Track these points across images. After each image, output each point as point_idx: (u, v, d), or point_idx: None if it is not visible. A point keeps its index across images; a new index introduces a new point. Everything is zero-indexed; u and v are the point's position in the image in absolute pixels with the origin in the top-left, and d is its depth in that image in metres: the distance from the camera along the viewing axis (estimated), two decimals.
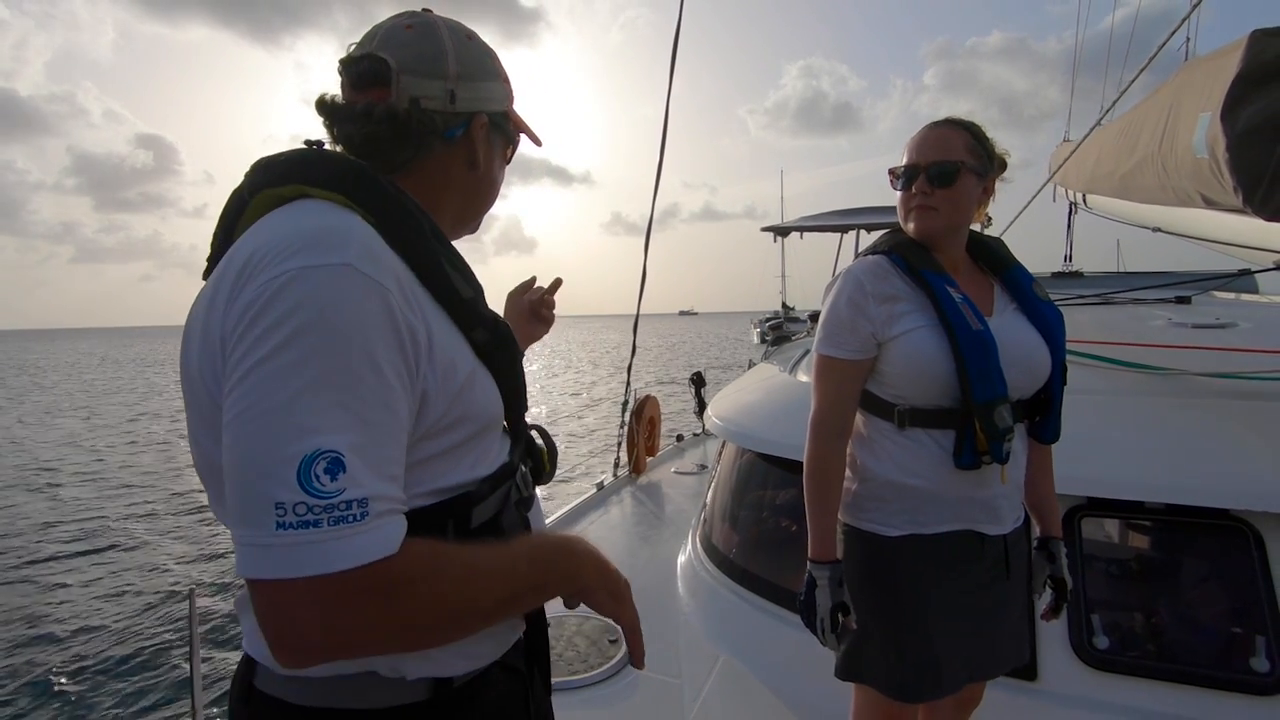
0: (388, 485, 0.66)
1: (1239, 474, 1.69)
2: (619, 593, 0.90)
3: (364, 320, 0.65)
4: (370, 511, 0.63)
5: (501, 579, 0.75)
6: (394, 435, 0.67)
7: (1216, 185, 2.01)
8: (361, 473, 0.63)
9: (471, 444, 0.79)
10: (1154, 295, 3.29)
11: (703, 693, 2.09)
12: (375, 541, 0.63)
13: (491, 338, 0.82)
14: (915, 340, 1.37)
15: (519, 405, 0.91)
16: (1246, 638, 1.63)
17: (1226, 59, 1.95)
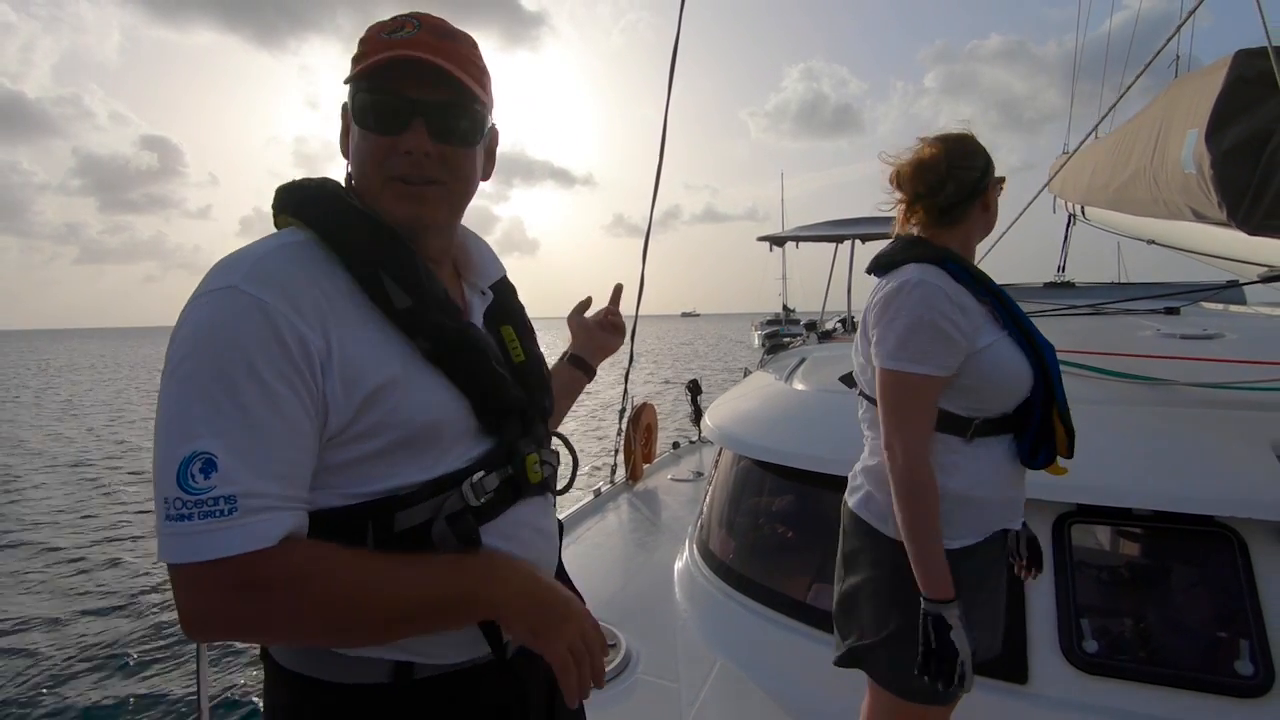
0: (269, 484, 0.71)
1: (1224, 482, 1.72)
2: (545, 628, 0.82)
3: (241, 335, 0.72)
4: (240, 508, 0.69)
5: (396, 594, 0.75)
6: (280, 437, 0.72)
7: (1204, 200, 2.05)
8: (235, 472, 0.69)
9: (398, 450, 0.80)
10: (1144, 306, 3.34)
11: (700, 697, 2.11)
12: (241, 536, 0.69)
13: (436, 345, 0.83)
14: (1002, 351, 1.38)
15: (494, 410, 0.87)
16: (1231, 641, 1.66)
17: (1213, 76, 2.00)
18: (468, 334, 0.86)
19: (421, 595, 0.77)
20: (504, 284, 1.05)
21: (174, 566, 0.69)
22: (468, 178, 0.89)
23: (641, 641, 2.40)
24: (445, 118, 0.85)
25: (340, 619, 0.74)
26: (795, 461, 2.29)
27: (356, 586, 0.74)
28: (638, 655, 2.33)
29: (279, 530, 0.71)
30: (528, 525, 0.91)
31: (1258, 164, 1.71)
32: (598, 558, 3.22)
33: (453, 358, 0.84)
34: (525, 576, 0.83)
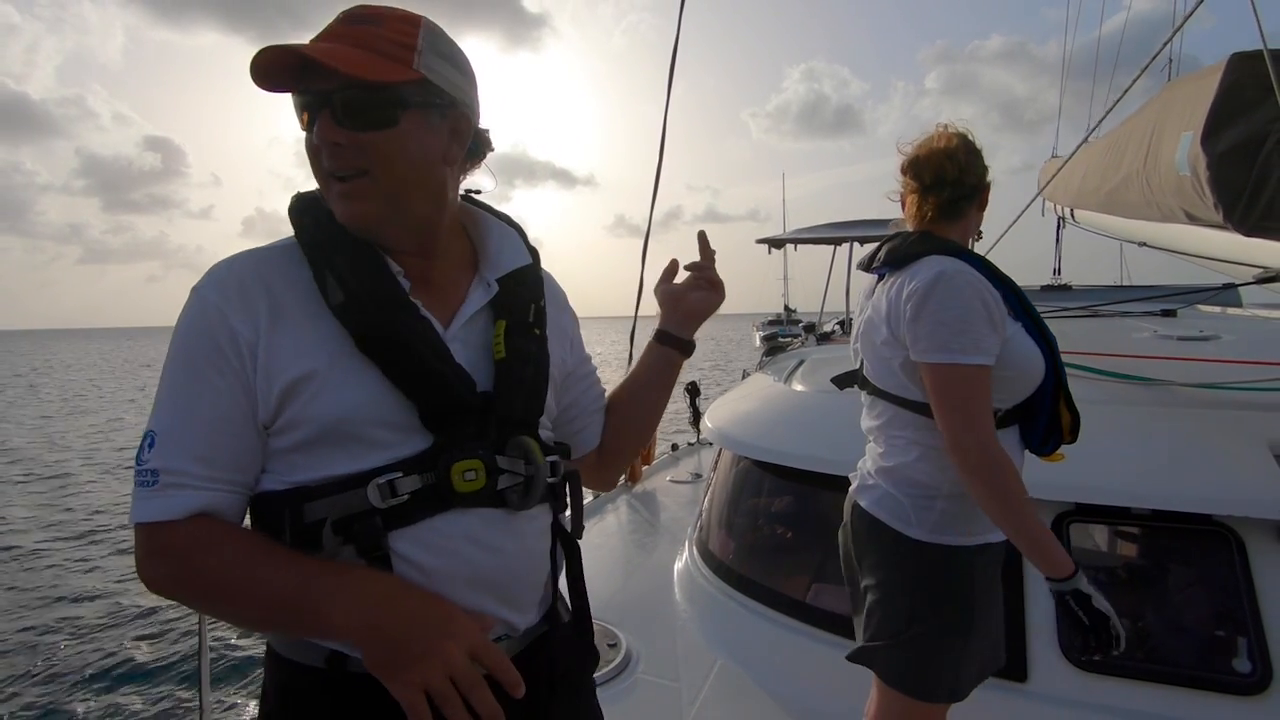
0: (188, 463, 0.79)
1: (1222, 481, 1.74)
2: (390, 665, 0.75)
3: (189, 331, 0.82)
4: (160, 482, 0.79)
5: (252, 590, 0.78)
6: (205, 422, 0.80)
7: (1198, 202, 2.07)
8: (163, 450, 0.79)
9: (319, 442, 0.81)
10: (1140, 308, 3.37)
11: (700, 696, 2.12)
12: (155, 506, 0.78)
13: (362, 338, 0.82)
14: (1021, 340, 1.40)
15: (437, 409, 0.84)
16: (1229, 639, 1.68)
17: (1207, 80, 2.01)
18: (403, 328, 0.84)
19: (271, 596, 0.78)
20: (521, 274, 0.99)
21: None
22: (395, 162, 0.84)
23: (641, 641, 2.40)
24: (347, 104, 0.81)
25: (214, 598, 0.81)
26: (795, 462, 2.30)
27: (226, 571, 0.79)
28: (638, 655, 2.34)
29: (186, 506, 0.79)
30: (462, 537, 0.84)
31: (1253, 166, 1.73)
32: (597, 558, 3.22)
33: (381, 352, 0.83)
34: (379, 604, 0.77)
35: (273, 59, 0.78)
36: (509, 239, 1.02)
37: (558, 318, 1.06)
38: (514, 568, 0.90)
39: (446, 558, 0.84)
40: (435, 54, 0.86)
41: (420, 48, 0.84)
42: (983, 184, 1.52)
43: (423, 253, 0.92)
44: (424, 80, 0.84)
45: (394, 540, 0.82)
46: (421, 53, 0.84)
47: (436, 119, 0.87)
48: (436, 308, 0.91)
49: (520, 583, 0.92)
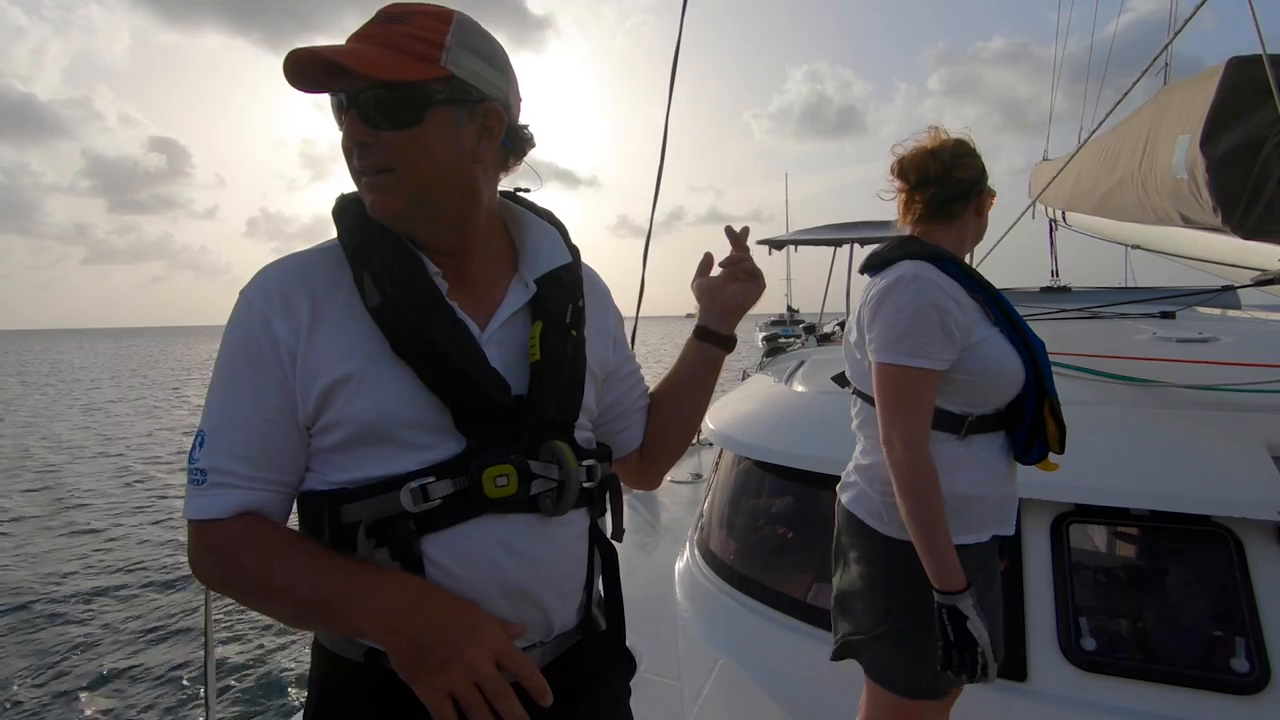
0: (235, 464, 0.82)
1: (1220, 482, 1.76)
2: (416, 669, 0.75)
3: (235, 335, 0.85)
4: (208, 480, 0.82)
5: (289, 588, 0.80)
6: (250, 423, 0.82)
7: (1195, 205, 2.09)
8: (211, 450, 0.82)
9: (356, 444, 0.83)
10: (1139, 310, 3.39)
11: (701, 695, 2.12)
12: (202, 505, 0.82)
13: (395, 340, 0.83)
14: (995, 346, 1.40)
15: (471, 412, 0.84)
16: (1227, 639, 1.69)
17: (1204, 84, 2.04)
18: (437, 331, 0.84)
19: (305, 597, 0.80)
20: (560, 274, 0.97)
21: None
22: (420, 160, 0.84)
23: (643, 640, 2.40)
24: (373, 104, 0.82)
25: (255, 594, 0.83)
26: (795, 462, 2.30)
27: (265, 569, 0.81)
28: (639, 654, 2.33)
29: (231, 505, 0.82)
30: (494, 543, 0.84)
31: (1252, 170, 1.75)
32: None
33: (414, 354, 0.83)
34: (406, 609, 0.76)
35: (301, 62, 0.80)
36: (549, 237, 1.00)
37: (600, 316, 1.04)
38: (546, 574, 0.88)
39: (477, 563, 0.84)
40: (465, 49, 0.85)
41: (448, 44, 0.84)
42: (976, 185, 1.51)
43: (459, 252, 0.92)
44: (450, 77, 0.84)
45: (426, 545, 0.82)
46: (450, 49, 0.84)
47: (464, 116, 0.86)
48: (474, 309, 0.90)
49: (553, 589, 0.90)
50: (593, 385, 0.99)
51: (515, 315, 0.92)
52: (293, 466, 0.85)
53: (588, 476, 0.91)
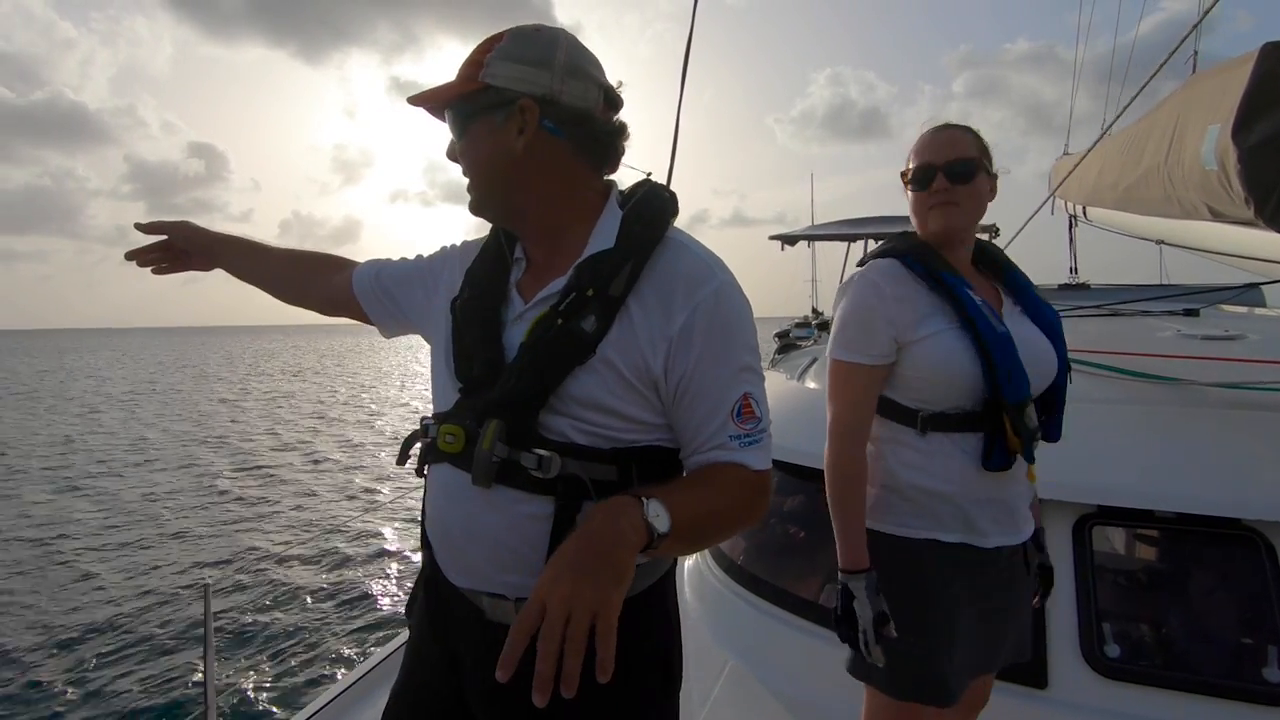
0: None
1: (1250, 483, 1.69)
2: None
3: (443, 248, 1.24)
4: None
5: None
6: (404, 260, 1.28)
7: (1225, 197, 2.02)
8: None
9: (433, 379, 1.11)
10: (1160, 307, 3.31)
11: (710, 698, 2.08)
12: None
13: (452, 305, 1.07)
14: (941, 343, 1.37)
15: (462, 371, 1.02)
16: (1258, 647, 1.63)
17: (1236, 72, 1.96)
18: (465, 307, 1.05)
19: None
20: (595, 260, 0.96)
21: None
22: (472, 164, 1.03)
23: None
24: (448, 124, 1.05)
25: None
26: (807, 460, 2.25)
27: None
28: None
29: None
30: (438, 484, 1.04)
31: None
32: None
33: (454, 318, 1.06)
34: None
35: (416, 102, 1.04)
36: (606, 224, 1.00)
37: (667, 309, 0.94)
38: (479, 534, 0.98)
39: (433, 498, 1.06)
40: (505, 59, 0.97)
41: (489, 60, 0.97)
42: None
43: (533, 237, 1.06)
44: (486, 88, 0.98)
45: (428, 471, 1.07)
46: (489, 64, 0.98)
47: (501, 119, 0.98)
48: (531, 292, 1.03)
49: (488, 553, 0.98)
50: (612, 381, 0.93)
51: (552, 297, 0.98)
52: (374, 288, 1.25)
53: (538, 466, 0.91)
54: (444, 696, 1.08)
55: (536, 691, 0.70)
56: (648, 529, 0.82)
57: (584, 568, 0.76)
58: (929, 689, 1.38)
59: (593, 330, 0.92)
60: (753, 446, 0.98)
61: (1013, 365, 1.34)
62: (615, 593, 0.75)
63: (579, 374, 0.92)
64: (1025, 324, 1.47)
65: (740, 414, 0.97)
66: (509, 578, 0.98)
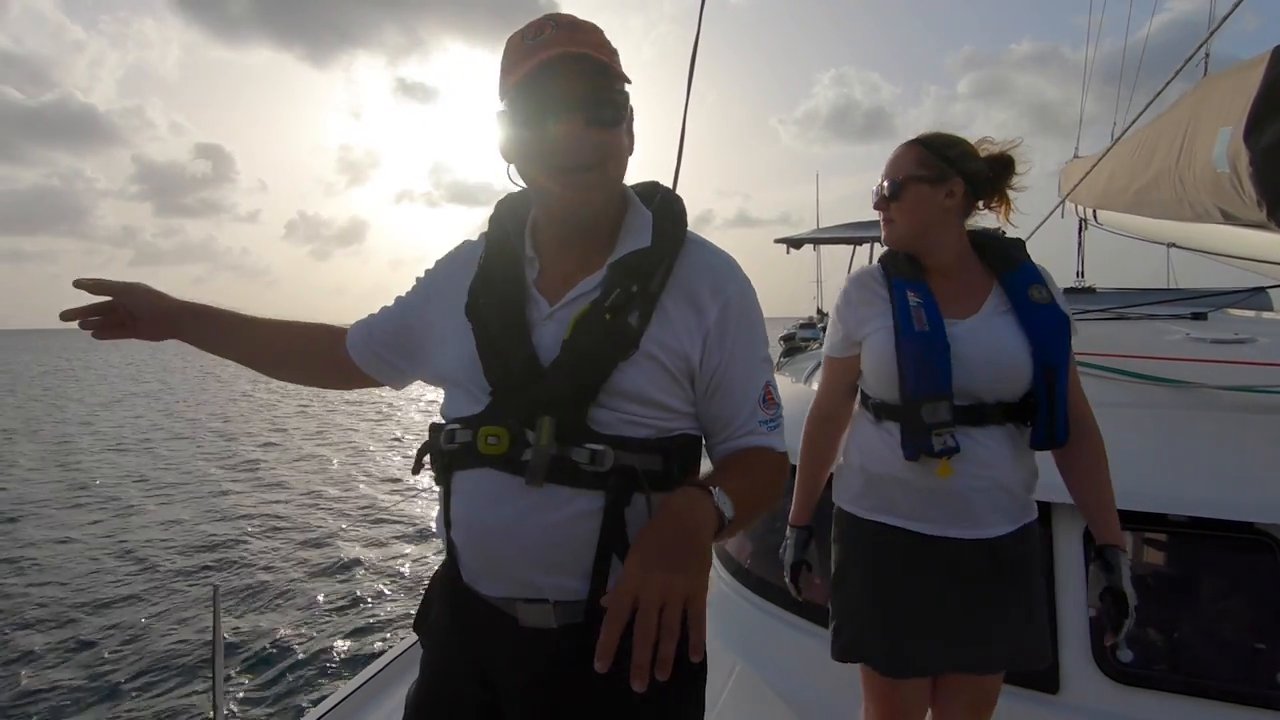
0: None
1: (1262, 487, 1.68)
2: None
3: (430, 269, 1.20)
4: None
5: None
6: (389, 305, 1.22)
7: (1237, 199, 2.01)
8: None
9: (447, 389, 1.07)
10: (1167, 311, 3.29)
11: (719, 701, 2.07)
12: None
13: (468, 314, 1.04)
14: (875, 340, 1.51)
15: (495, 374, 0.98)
16: (1271, 652, 1.62)
17: (1248, 74, 1.95)
18: (487, 308, 1.02)
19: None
20: (631, 259, 0.99)
21: None
22: (618, 158, 0.99)
23: None
24: (595, 105, 0.94)
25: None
26: None
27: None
28: None
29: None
30: (481, 491, 0.97)
31: None
32: None
33: (475, 321, 1.02)
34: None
35: (553, 59, 0.96)
36: (639, 222, 1.03)
37: (698, 304, 1.00)
38: (526, 535, 0.94)
39: (471, 504, 0.98)
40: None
41: (615, 51, 1.01)
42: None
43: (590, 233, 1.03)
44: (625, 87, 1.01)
45: (453, 479, 1.00)
46: (617, 55, 1.01)
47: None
48: (557, 290, 1.02)
49: (533, 553, 0.95)
50: (656, 373, 0.97)
51: (585, 296, 0.99)
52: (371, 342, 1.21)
53: (591, 460, 0.92)
54: (474, 710, 1.05)
55: (635, 679, 0.73)
56: (720, 516, 0.88)
57: (674, 557, 0.80)
58: (863, 652, 1.51)
59: (636, 325, 0.96)
60: (775, 430, 1.06)
61: (923, 363, 1.41)
62: (704, 579, 0.80)
63: (624, 368, 0.95)
64: (1001, 324, 1.46)
65: (765, 401, 1.05)
66: (551, 579, 0.96)
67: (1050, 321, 1.45)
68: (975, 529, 1.44)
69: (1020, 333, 1.44)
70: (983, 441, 1.42)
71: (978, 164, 1.51)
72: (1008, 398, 1.44)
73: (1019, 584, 1.48)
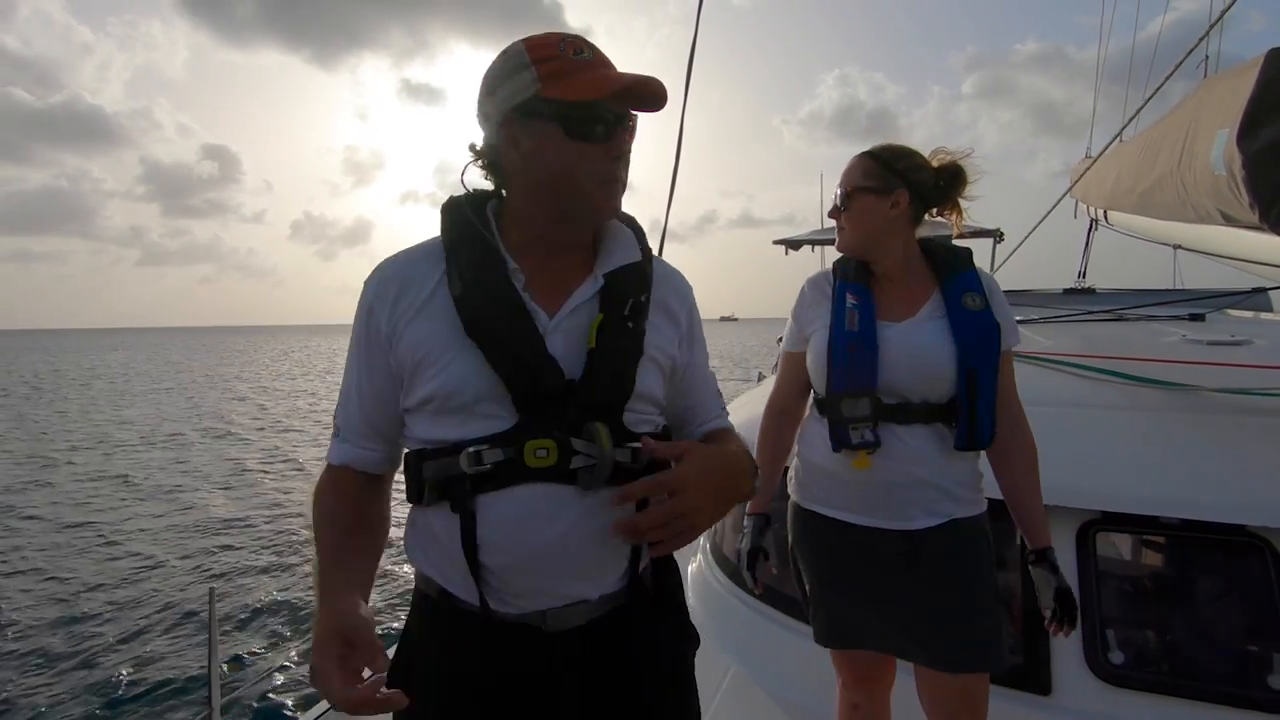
0: (349, 424, 1.06)
1: (1256, 490, 1.67)
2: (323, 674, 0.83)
3: (357, 317, 1.04)
4: (341, 435, 1.07)
5: (316, 549, 0.99)
6: (358, 392, 1.05)
7: (1234, 202, 2.01)
8: (340, 411, 1.07)
9: (439, 414, 0.98)
10: (1166, 312, 3.27)
11: (713, 704, 2.09)
12: (329, 452, 1.07)
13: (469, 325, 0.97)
14: (816, 338, 1.61)
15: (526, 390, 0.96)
16: (1263, 654, 1.62)
17: (1244, 76, 1.95)
18: (502, 319, 0.97)
19: (316, 553, 0.99)
20: (627, 271, 1.05)
21: None
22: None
23: None
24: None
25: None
26: None
27: (316, 520, 1.02)
28: None
29: (339, 456, 1.07)
30: (529, 507, 0.95)
31: None
32: None
33: (481, 338, 0.96)
34: (316, 636, 0.87)
35: (635, 87, 0.97)
36: (622, 237, 1.09)
37: (669, 312, 1.11)
38: (577, 540, 0.97)
39: (516, 524, 0.95)
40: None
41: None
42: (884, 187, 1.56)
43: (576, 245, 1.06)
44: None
45: (480, 503, 0.95)
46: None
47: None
48: (549, 300, 1.01)
49: (587, 556, 0.99)
50: (658, 375, 1.06)
51: (582, 306, 1.02)
52: (391, 431, 1.06)
53: (633, 458, 0.98)
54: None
55: (622, 531, 0.93)
56: (755, 472, 1.08)
57: (723, 490, 0.99)
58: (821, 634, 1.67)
59: (643, 331, 1.05)
60: (727, 413, 1.21)
61: (848, 361, 1.52)
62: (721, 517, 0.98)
63: (639, 371, 1.03)
64: (930, 329, 1.52)
65: (717, 390, 1.21)
66: (591, 582, 1.00)
67: (978, 327, 1.50)
68: (896, 520, 1.52)
69: (948, 337, 1.50)
70: (906, 439, 1.49)
71: (924, 174, 1.56)
72: (933, 398, 1.50)
73: (946, 577, 1.50)
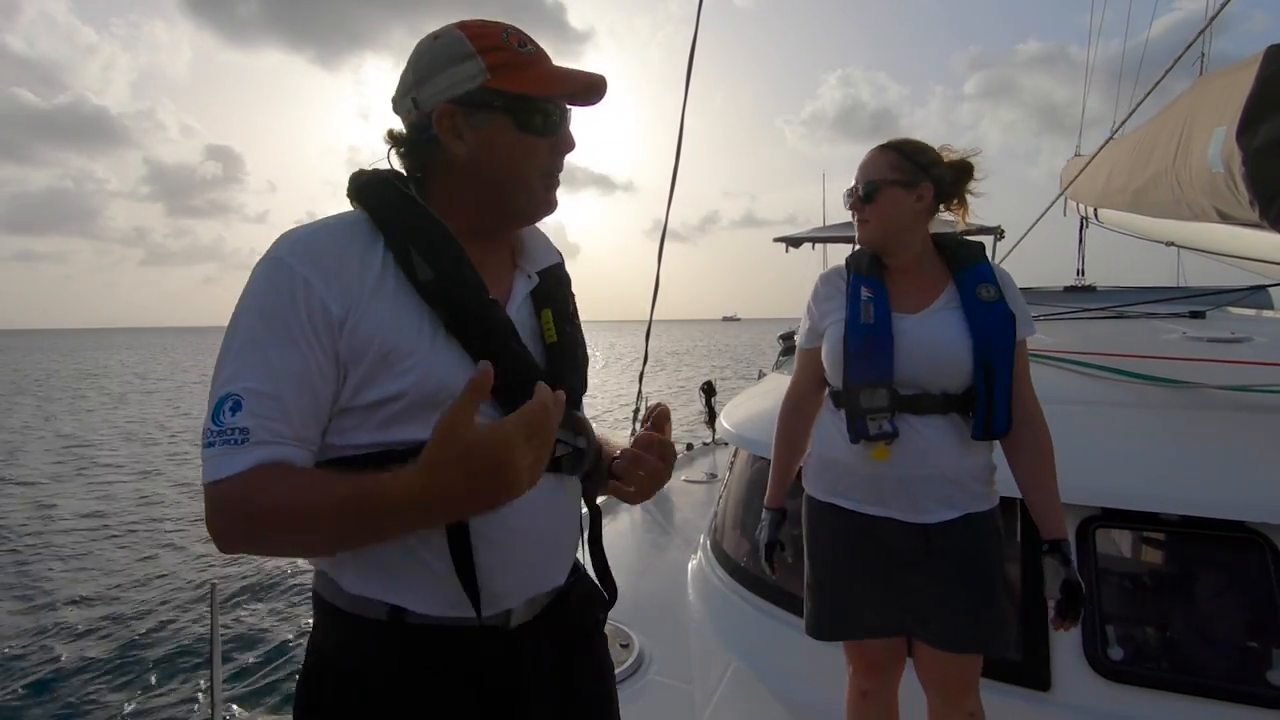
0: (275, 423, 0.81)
1: (1256, 487, 1.69)
2: (484, 461, 0.75)
3: (269, 296, 0.83)
4: (250, 439, 0.79)
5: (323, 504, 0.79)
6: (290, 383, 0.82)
7: (1231, 199, 2.01)
8: (254, 409, 0.80)
9: (407, 409, 0.86)
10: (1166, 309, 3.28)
11: (714, 699, 2.09)
12: (220, 464, 0.79)
13: (454, 317, 0.88)
14: (831, 332, 1.61)
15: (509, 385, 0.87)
16: (1263, 650, 1.63)
17: (1242, 74, 1.96)
18: (486, 309, 0.91)
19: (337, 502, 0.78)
20: (555, 271, 1.08)
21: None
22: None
23: (654, 643, 2.38)
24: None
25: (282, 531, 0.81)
26: None
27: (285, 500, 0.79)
28: (650, 657, 2.31)
29: (250, 459, 0.79)
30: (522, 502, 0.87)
31: None
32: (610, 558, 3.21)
33: (469, 330, 0.89)
34: (435, 446, 0.75)
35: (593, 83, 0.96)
36: (540, 238, 1.09)
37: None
38: (561, 527, 1.00)
39: (511, 514, 0.88)
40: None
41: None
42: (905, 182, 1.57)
43: (498, 246, 1.02)
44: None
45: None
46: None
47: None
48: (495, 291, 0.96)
49: (565, 541, 1.02)
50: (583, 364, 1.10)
51: (525, 301, 1.01)
52: (318, 427, 0.87)
53: (588, 445, 1.02)
54: None
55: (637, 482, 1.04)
56: None
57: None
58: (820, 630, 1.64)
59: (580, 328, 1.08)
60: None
61: (865, 352, 1.52)
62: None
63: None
64: (946, 320, 1.53)
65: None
66: (560, 569, 1.02)
67: (993, 317, 1.51)
68: (913, 514, 1.51)
69: (963, 327, 1.51)
70: (923, 430, 1.49)
71: (943, 169, 1.59)
72: (950, 388, 1.51)
73: (957, 570, 1.51)
